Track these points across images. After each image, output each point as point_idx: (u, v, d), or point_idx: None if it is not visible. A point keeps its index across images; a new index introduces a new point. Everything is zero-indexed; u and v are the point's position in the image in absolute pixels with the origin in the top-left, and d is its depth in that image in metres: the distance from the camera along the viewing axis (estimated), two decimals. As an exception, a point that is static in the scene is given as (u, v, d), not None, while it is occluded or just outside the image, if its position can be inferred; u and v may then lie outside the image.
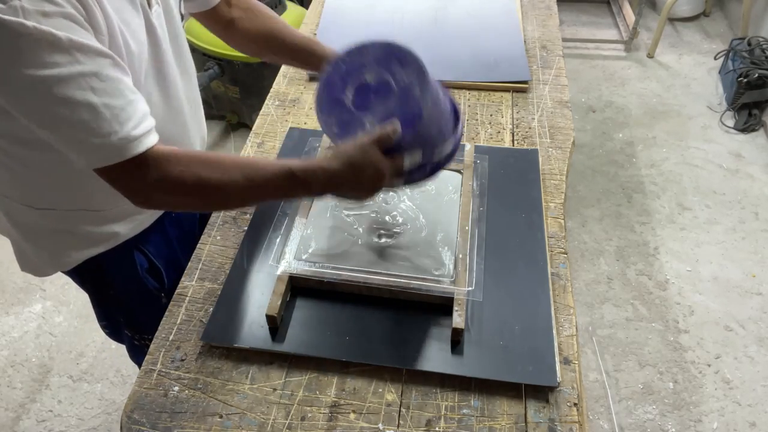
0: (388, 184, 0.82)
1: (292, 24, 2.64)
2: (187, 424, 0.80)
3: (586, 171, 2.51)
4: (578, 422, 0.79)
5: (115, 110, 0.68)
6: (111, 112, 0.68)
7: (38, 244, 1.00)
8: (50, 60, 0.64)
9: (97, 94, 0.67)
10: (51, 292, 2.06)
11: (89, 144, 0.69)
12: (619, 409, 1.72)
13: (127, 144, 0.70)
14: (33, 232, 0.98)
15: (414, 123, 0.78)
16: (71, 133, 0.69)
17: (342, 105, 0.82)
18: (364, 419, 0.80)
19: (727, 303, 1.99)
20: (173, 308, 0.94)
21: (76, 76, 0.65)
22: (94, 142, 0.69)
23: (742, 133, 2.66)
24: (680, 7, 3.32)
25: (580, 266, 2.12)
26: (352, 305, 0.92)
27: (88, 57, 0.66)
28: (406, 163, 0.81)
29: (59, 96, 0.65)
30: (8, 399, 1.77)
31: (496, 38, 1.53)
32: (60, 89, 0.65)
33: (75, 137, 0.69)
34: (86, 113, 0.67)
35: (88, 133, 0.68)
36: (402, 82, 0.80)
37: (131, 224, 1.01)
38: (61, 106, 0.66)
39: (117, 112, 0.69)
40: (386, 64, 0.82)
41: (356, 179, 0.78)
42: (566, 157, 1.20)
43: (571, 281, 0.97)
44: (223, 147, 2.62)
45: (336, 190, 0.81)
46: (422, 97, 0.79)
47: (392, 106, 0.80)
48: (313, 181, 0.78)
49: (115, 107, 0.68)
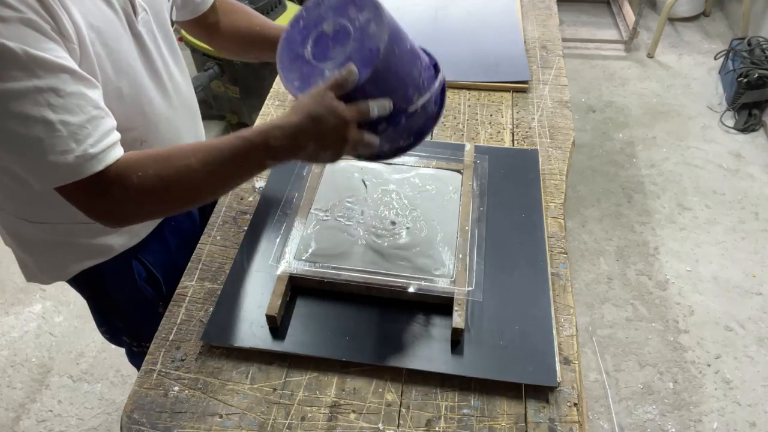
0: (359, 137, 0.75)
1: (292, 24, 2.63)
2: (187, 424, 0.80)
3: (586, 171, 2.51)
4: (578, 422, 0.79)
5: (73, 127, 0.65)
6: (68, 130, 0.65)
7: (36, 256, 0.99)
8: (6, 74, 0.61)
9: (54, 110, 0.64)
10: (51, 292, 2.06)
11: (44, 163, 0.65)
12: (619, 409, 1.72)
13: (84, 162, 0.66)
14: (30, 244, 0.97)
15: (373, 61, 0.72)
16: (25, 152, 0.65)
17: (302, 59, 0.78)
18: (364, 419, 0.80)
19: (727, 303, 1.99)
20: (173, 308, 0.94)
21: (33, 91, 0.62)
22: (49, 161, 0.65)
23: (742, 133, 2.66)
24: (680, 7, 3.32)
25: (580, 266, 2.12)
26: (352, 305, 0.92)
27: (47, 71, 0.63)
28: (374, 111, 0.75)
29: (14, 112, 0.62)
30: (8, 399, 1.77)
31: (496, 38, 1.53)
32: (15, 105, 0.62)
33: (29, 156, 0.66)
34: (42, 131, 0.64)
35: (44, 151, 0.64)
36: (357, 21, 0.75)
37: (126, 236, 1.00)
38: (15, 122, 0.63)
39: (75, 130, 0.65)
40: (343, 10, 0.77)
41: (318, 131, 0.72)
42: (566, 157, 1.20)
43: (571, 281, 0.97)
44: (223, 147, 2.62)
45: (300, 148, 0.73)
46: (379, 34, 0.73)
47: (349, 49, 0.75)
48: (273, 143, 0.71)
49: (73, 124, 0.65)
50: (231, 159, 0.72)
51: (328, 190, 1.08)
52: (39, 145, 0.64)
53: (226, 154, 0.71)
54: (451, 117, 1.31)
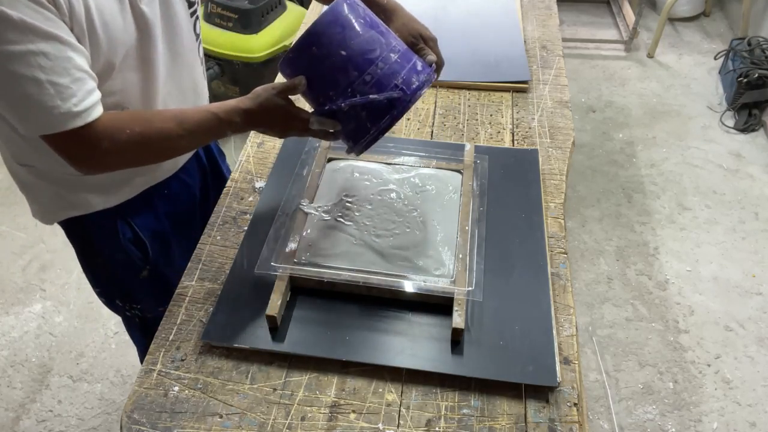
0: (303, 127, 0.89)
1: (292, 24, 2.64)
2: (187, 424, 0.80)
3: (586, 171, 2.51)
4: (578, 422, 0.79)
5: (60, 87, 0.73)
6: (55, 89, 0.73)
7: (29, 195, 1.06)
8: (3, 37, 0.69)
9: (44, 72, 0.72)
10: (51, 292, 2.06)
11: (33, 114, 0.74)
12: (619, 409, 1.72)
13: (68, 119, 0.75)
14: (23, 185, 1.04)
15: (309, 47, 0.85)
16: (16, 103, 0.74)
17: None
18: (364, 419, 0.80)
19: (727, 303, 1.99)
20: (173, 308, 0.94)
21: (26, 53, 0.70)
22: (37, 114, 0.74)
23: (742, 133, 2.66)
24: (680, 7, 3.32)
25: (580, 266, 2.12)
26: (352, 305, 0.92)
27: (39, 37, 0.71)
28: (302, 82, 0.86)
29: (9, 70, 0.71)
30: (8, 399, 1.77)
31: (496, 38, 1.53)
32: (10, 65, 0.70)
33: (19, 107, 0.74)
34: (32, 88, 0.72)
35: (32, 105, 0.73)
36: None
37: (105, 196, 1.04)
38: (10, 79, 0.71)
39: (61, 90, 0.73)
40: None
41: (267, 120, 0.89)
42: (566, 157, 1.20)
43: (571, 281, 0.97)
44: (223, 147, 2.61)
45: (254, 127, 0.91)
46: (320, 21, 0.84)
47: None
48: (235, 119, 0.87)
49: (60, 85, 0.73)
50: (202, 128, 0.86)
51: (328, 190, 1.08)
52: (29, 100, 0.73)
53: (198, 124, 0.86)
54: (451, 117, 1.31)
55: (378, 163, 1.13)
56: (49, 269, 2.13)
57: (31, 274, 2.12)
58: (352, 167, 1.12)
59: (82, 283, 2.07)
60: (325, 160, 1.14)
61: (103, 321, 1.96)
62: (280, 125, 0.90)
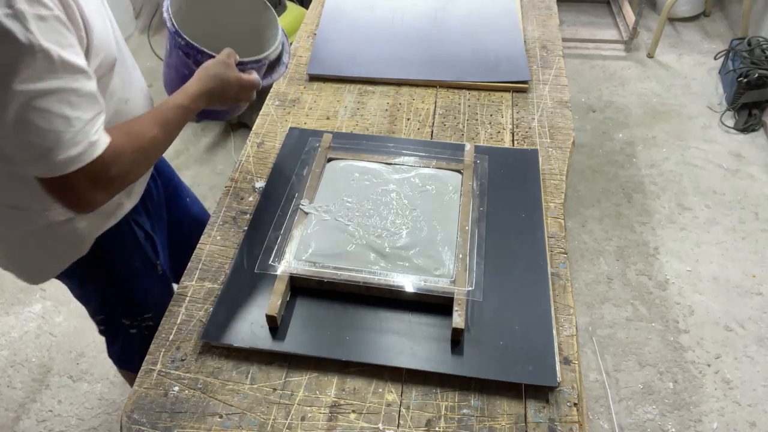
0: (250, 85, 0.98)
1: (292, 24, 2.64)
2: (187, 424, 0.80)
3: (586, 171, 2.51)
4: (578, 422, 0.79)
5: (83, 122, 0.74)
6: (81, 124, 0.74)
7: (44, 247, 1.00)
8: (38, 75, 0.69)
9: (72, 107, 0.73)
10: (51, 292, 2.06)
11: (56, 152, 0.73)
12: (619, 409, 1.72)
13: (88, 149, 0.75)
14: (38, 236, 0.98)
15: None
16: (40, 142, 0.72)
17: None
18: (364, 419, 0.80)
19: (727, 303, 1.99)
20: (173, 308, 0.94)
21: (59, 90, 0.71)
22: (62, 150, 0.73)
23: (742, 133, 2.66)
24: (680, 7, 3.32)
25: (580, 266, 2.12)
26: (352, 305, 0.92)
27: (71, 75, 0.72)
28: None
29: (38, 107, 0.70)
30: (8, 399, 1.77)
31: (496, 38, 1.53)
32: (41, 102, 0.70)
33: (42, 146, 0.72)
34: (61, 124, 0.72)
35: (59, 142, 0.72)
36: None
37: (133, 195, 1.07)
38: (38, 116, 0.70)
39: (85, 124, 0.74)
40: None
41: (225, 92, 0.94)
42: (566, 157, 1.20)
43: (571, 281, 0.97)
44: (223, 147, 2.62)
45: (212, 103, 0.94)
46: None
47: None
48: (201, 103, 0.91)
49: (84, 120, 0.74)
50: (177, 123, 0.89)
51: (328, 190, 1.08)
52: (56, 136, 0.72)
53: (174, 120, 0.88)
54: (451, 117, 1.31)
55: (378, 163, 1.13)
56: (49, 269, 2.13)
57: (31, 274, 2.12)
58: (352, 167, 1.12)
59: (82, 283, 2.08)
60: (325, 160, 1.14)
61: (103, 321, 1.96)
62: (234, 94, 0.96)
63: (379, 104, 1.34)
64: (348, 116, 1.31)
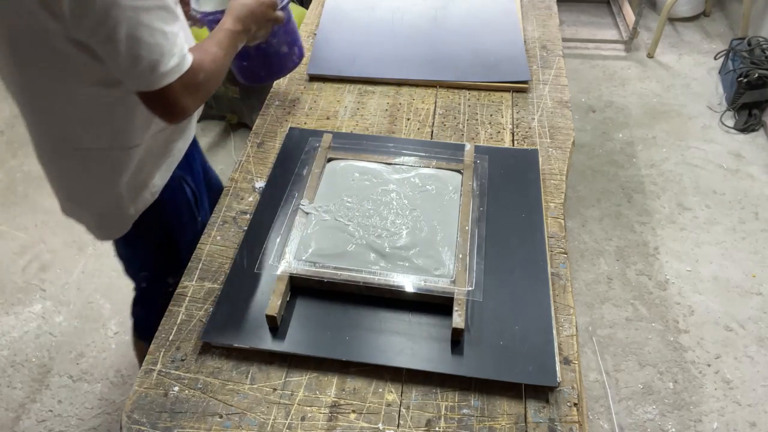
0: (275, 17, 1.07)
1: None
2: (187, 424, 0.80)
3: (586, 171, 2.51)
4: (578, 422, 0.79)
5: (174, 36, 0.83)
6: (176, 38, 0.83)
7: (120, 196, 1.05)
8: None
9: (166, 23, 0.81)
10: (51, 292, 2.06)
11: (160, 64, 0.82)
12: (619, 409, 1.72)
13: (183, 60, 0.85)
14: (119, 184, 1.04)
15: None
16: (147, 55, 0.80)
17: None
18: (364, 419, 0.80)
19: (727, 303, 1.99)
20: (173, 308, 0.94)
21: (155, 8, 0.80)
22: (164, 62, 0.82)
23: (742, 133, 2.66)
24: (680, 7, 3.32)
25: (580, 266, 2.12)
26: (352, 305, 0.92)
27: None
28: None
29: (144, 23, 0.79)
30: (8, 399, 1.77)
31: (496, 38, 1.53)
32: (145, 18, 0.79)
33: (149, 59, 0.81)
34: (161, 38, 0.81)
35: (162, 54, 0.81)
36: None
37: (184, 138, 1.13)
38: (145, 31, 0.79)
39: (175, 38, 0.83)
40: None
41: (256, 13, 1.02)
42: (566, 157, 1.20)
43: (571, 281, 0.97)
44: (223, 147, 2.62)
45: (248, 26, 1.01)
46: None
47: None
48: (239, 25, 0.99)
49: (175, 34, 0.83)
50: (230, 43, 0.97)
51: (328, 190, 1.08)
52: (160, 49, 0.81)
53: (226, 41, 0.96)
54: (451, 117, 1.31)
55: (378, 163, 1.13)
56: (49, 269, 2.13)
57: (31, 274, 2.12)
58: (353, 167, 1.12)
59: (82, 283, 2.07)
60: (325, 160, 1.14)
61: (103, 321, 1.96)
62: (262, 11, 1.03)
63: (379, 104, 1.35)
64: (348, 116, 1.31)
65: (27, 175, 2.52)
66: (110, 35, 0.78)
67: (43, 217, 2.33)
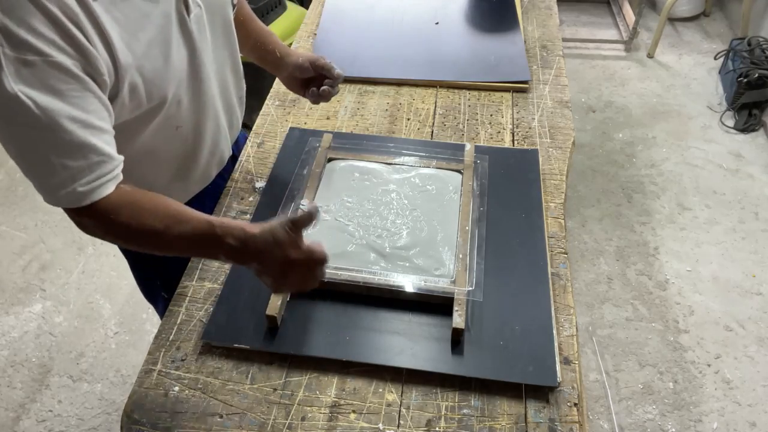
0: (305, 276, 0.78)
1: (292, 24, 2.64)
2: (187, 424, 0.80)
3: (586, 171, 2.51)
4: (578, 422, 0.79)
5: (72, 171, 0.71)
6: (67, 172, 0.71)
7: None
8: (16, 120, 0.67)
9: (57, 154, 0.70)
10: (51, 292, 2.06)
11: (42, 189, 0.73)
12: (619, 409, 1.72)
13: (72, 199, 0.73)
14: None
15: None
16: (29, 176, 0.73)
17: None
18: (364, 419, 0.80)
19: (727, 303, 1.99)
20: (173, 308, 0.94)
21: (38, 139, 0.68)
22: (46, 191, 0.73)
23: (742, 133, 2.66)
24: (680, 7, 3.32)
25: (580, 266, 2.12)
26: (352, 305, 0.92)
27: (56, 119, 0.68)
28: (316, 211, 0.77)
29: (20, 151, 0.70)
30: (8, 399, 1.77)
31: (496, 38, 1.53)
32: (19, 145, 0.70)
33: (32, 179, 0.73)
34: (42, 169, 0.71)
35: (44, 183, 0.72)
36: None
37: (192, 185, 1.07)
38: (22, 156, 0.71)
39: (73, 172, 0.71)
40: None
41: (269, 250, 0.74)
42: (566, 157, 1.20)
43: (571, 281, 0.97)
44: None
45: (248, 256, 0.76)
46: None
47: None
48: (229, 241, 0.75)
49: (72, 168, 0.71)
50: (192, 238, 0.76)
51: (328, 190, 1.08)
52: (39, 179, 0.73)
53: (190, 233, 0.76)
54: (451, 117, 1.31)
55: (378, 163, 1.13)
56: (49, 269, 2.13)
57: (31, 274, 2.12)
58: (352, 167, 1.12)
59: (82, 283, 2.07)
60: (325, 160, 1.14)
61: (103, 321, 1.96)
62: (280, 264, 0.75)
63: (379, 104, 1.35)
64: (348, 116, 1.31)
65: (27, 175, 2.52)
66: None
67: (43, 217, 2.33)
